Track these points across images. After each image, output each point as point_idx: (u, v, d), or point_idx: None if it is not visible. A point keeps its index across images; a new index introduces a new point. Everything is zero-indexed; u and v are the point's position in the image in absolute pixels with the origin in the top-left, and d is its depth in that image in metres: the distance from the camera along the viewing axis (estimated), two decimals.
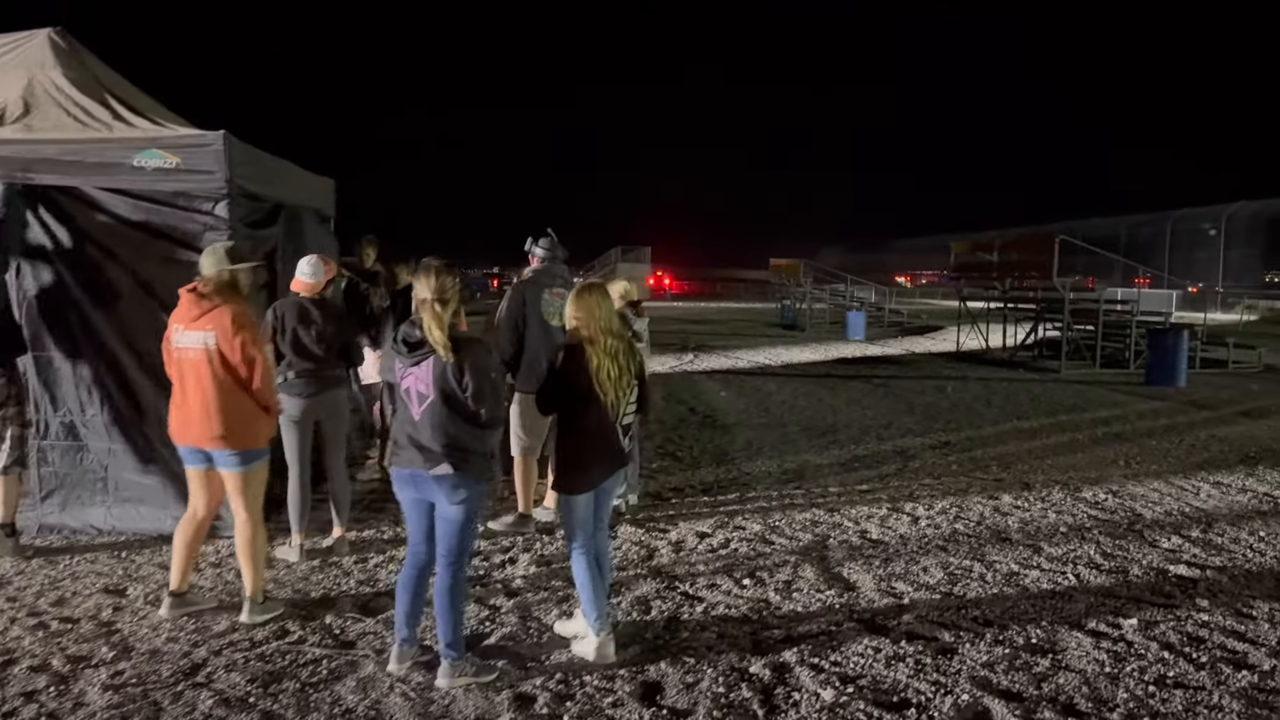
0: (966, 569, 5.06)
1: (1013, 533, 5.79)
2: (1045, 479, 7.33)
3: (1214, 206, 38.69)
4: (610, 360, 3.74)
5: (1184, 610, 4.45)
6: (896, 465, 7.86)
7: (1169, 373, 13.81)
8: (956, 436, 9.27)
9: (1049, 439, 9.22)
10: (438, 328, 3.39)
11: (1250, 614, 4.42)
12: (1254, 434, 9.69)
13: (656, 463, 7.82)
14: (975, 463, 7.98)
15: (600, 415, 3.74)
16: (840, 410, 11.03)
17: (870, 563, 5.15)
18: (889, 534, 5.73)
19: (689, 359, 17.34)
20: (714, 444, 8.74)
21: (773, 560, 5.17)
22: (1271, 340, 22.01)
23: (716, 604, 4.47)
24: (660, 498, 6.57)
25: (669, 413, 10.62)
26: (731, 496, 6.65)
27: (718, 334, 24.77)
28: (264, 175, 5.74)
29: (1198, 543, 5.62)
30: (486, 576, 4.83)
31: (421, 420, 3.46)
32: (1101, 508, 6.44)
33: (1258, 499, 6.78)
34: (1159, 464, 8.01)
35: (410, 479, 3.52)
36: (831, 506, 6.39)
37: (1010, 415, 10.78)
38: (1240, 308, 34.79)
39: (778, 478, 7.32)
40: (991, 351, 18.25)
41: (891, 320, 28.91)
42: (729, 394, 12.50)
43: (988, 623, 4.28)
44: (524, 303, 5.54)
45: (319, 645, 3.93)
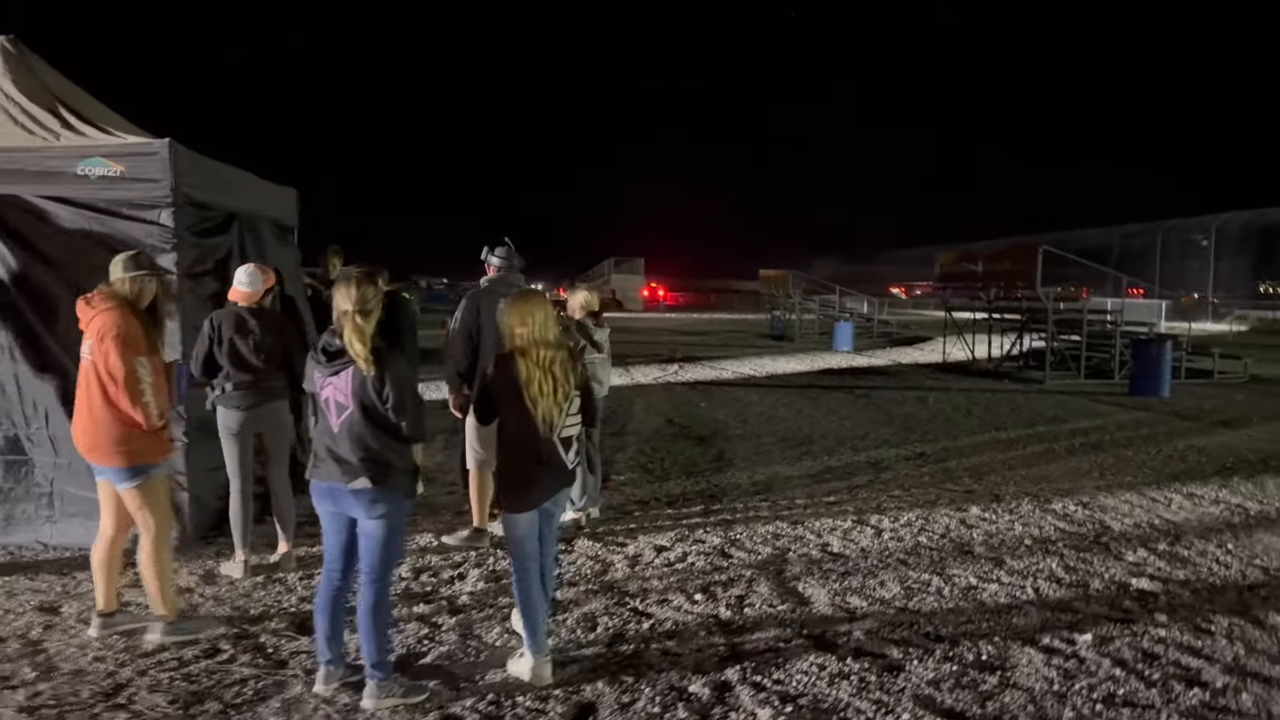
0: (924, 583, 4.96)
1: (976, 545, 5.69)
2: (1016, 490, 7.24)
3: (1204, 217, 38.79)
4: (542, 372, 3.62)
5: (1141, 625, 4.36)
6: (868, 477, 7.77)
7: (1153, 383, 13.75)
8: (932, 448, 9.19)
9: (1025, 450, 9.14)
10: (358, 339, 3.30)
11: (1209, 629, 4.32)
12: (1233, 445, 9.61)
13: (625, 474, 7.73)
14: (948, 474, 7.89)
15: (533, 428, 3.64)
16: (818, 421, 10.94)
17: (827, 577, 5.05)
18: (850, 547, 5.63)
19: (674, 370, 17.26)
20: (686, 456, 8.64)
21: (729, 574, 5.07)
22: (1260, 350, 21.99)
23: (665, 620, 4.37)
24: (624, 510, 6.48)
25: (644, 424, 10.53)
26: (696, 509, 6.55)
27: (706, 345, 24.70)
28: (214, 184, 5.66)
29: (1163, 556, 5.53)
30: (434, 593, 4.72)
31: (340, 432, 3.37)
32: (1070, 520, 6.35)
33: (1229, 510, 6.69)
34: (1133, 475, 7.93)
35: (328, 492, 3.43)
36: (796, 519, 6.30)
37: (989, 426, 10.70)
38: (1231, 318, 34.82)
39: (746, 489, 7.23)
40: (977, 362, 18.19)
41: (880, 331, 28.88)
42: (708, 405, 12.41)
43: (939, 638, 4.18)
44: (478, 313, 5.46)
45: (249, 665, 3.82)
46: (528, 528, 3.75)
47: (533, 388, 3.59)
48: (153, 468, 3.99)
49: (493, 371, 3.76)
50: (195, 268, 5.39)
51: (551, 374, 3.64)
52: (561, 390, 3.66)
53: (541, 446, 3.66)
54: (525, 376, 3.60)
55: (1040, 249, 14.77)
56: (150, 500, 3.98)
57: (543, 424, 3.62)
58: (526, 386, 3.59)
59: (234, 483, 4.94)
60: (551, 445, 3.68)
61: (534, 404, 3.59)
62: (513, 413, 3.66)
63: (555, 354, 3.67)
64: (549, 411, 3.63)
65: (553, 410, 3.64)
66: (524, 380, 3.60)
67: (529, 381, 3.59)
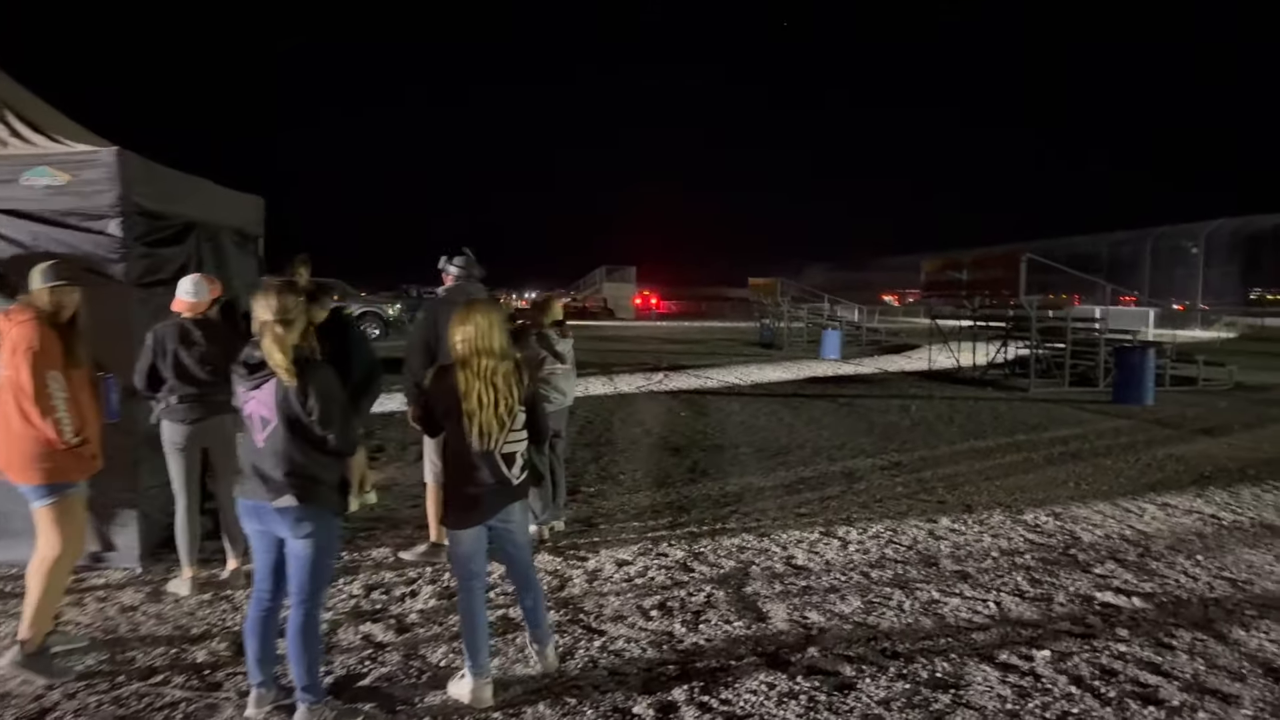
0: (886, 597, 4.88)
1: (943, 558, 5.61)
2: (989, 501, 7.16)
3: (1194, 224, 38.85)
4: (482, 383, 3.50)
5: (1102, 640, 4.27)
6: (841, 487, 7.68)
7: (1136, 391, 13.69)
8: (909, 457, 9.10)
9: (1002, 459, 9.06)
10: (279, 350, 3.21)
11: (1170, 644, 4.24)
12: (1212, 453, 9.55)
13: (595, 486, 7.63)
14: (922, 484, 7.81)
15: (468, 441, 3.54)
16: (798, 431, 10.86)
17: (788, 591, 4.96)
18: (815, 560, 5.54)
19: (658, 379, 17.17)
20: (660, 466, 8.55)
21: (688, 589, 4.98)
22: (1246, 358, 21.97)
23: (617, 638, 4.28)
24: (589, 523, 6.38)
25: (622, 434, 10.43)
26: (663, 522, 6.46)
27: (694, 353, 24.62)
28: (168, 193, 5.56)
29: (1131, 567, 5.45)
30: (383, 610, 4.62)
31: (264, 447, 3.27)
32: (1040, 531, 6.27)
33: (1202, 520, 6.62)
34: (1109, 484, 7.85)
35: (254, 511, 3.33)
36: (763, 531, 6.21)
37: (969, 435, 10.62)
38: (1220, 325, 34.85)
39: (716, 501, 7.14)
40: (962, 370, 18.13)
41: (869, 339, 28.83)
42: (689, 415, 12.32)
43: (895, 655, 4.09)
44: (436, 323, 5.36)
45: (183, 687, 3.72)
46: (470, 545, 3.65)
47: (471, 400, 3.49)
48: (70, 487, 3.87)
49: (431, 383, 3.66)
50: (147, 278, 5.29)
51: (493, 385, 3.52)
52: (504, 403, 3.54)
53: (481, 461, 3.56)
54: (464, 388, 3.50)
55: (1023, 257, 14.71)
56: (62, 520, 3.85)
57: (480, 438, 3.52)
58: (465, 398, 3.50)
59: (180, 498, 4.84)
60: (493, 460, 3.57)
61: (470, 416, 3.49)
62: (453, 425, 3.57)
63: (498, 365, 3.55)
64: (488, 424, 3.52)
65: (492, 423, 3.53)
66: (463, 392, 3.51)
67: (467, 393, 3.49)
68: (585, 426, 10.93)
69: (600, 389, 15.22)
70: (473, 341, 3.54)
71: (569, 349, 6.10)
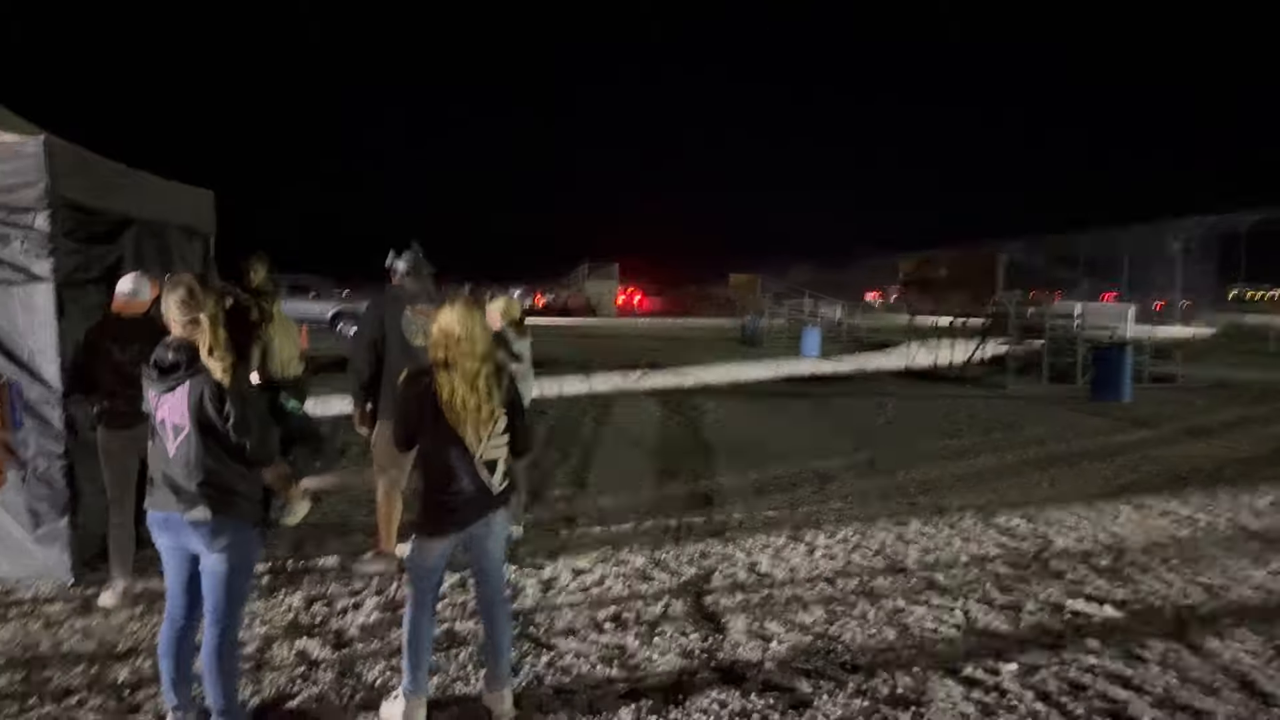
0: (850, 605, 4.70)
1: (910, 564, 5.43)
2: (961, 503, 7.00)
3: (1172, 221, 38.94)
4: (467, 387, 3.30)
5: (1071, 652, 4.11)
6: (812, 489, 7.51)
7: (1113, 389, 13.61)
8: (883, 458, 8.94)
9: (977, 459, 8.92)
10: (218, 347, 3.01)
11: (1142, 656, 4.08)
12: (1189, 452, 9.45)
13: (560, 489, 7.42)
14: (894, 486, 7.65)
15: (452, 449, 3.33)
16: (772, 430, 10.69)
17: (749, 600, 4.78)
18: (779, 566, 5.36)
19: (636, 377, 16.96)
20: (629, 468, 8.34)
21: (646, 598, 4.78)
22: (1226, 354, 22.03)
23: (566, 653, 4.07)
24: (549, 529, 6.16)
25: (593, 435, 10.22)
26: (626, 526, 6.26)
27: (675, 351, 24.41)
28: (103, 186, 5.31)
29: (1104, 573, 5.29)
30: (322, 624, 4.40)
31: (176, 455, 3.05)
32: (1012, 534, 6.11)
33: (1178, 522, 6.48)
34: (1084, 485, 7.71)
35: (165, 524, 3.10)
36: (730, 536, 6.02)
37: (944, 434, 10.48)
38: (1199, 321, 34.97)
39: (684, 504, 6.94)
40: (940, 368, 18.02)
41: (850, 336, 28.73)
42: (663, 414, 12.12)
43: (855, 669, 3.91)
44: (382, 321, 5.15)
45: (98, 709, 3.49)
46: (437, 558, 3.45)
47: (456, 406, 3.28)
48: None
49: (406, 389, 3.43)
50: (78, 275, 5.04)
51: (476, 390, 3.32)
52: (486, 408, 3.34)
53: (463, 469, 3.35)
54: (447, 394, 3.29)
55: (1000, 255, 14.59)
56: None
57: (466, 445, 3.32)
58: (449, 405, 3.29)
59: (114, 506, 4.60)
60: (474, 467, 3.35)
61: (456, 424, 3.29)
62: (431, 433, 3.35)
63: (480, 367, 3.35)
64: (472, 430, 3.32)
65: (476, 429, 3.32)
66: (445, 398, 3.30)
67: (451, 399, 3.28)
68: (556, 427, 10.71)
69: (576, 388, 14.99)
70: (457, 343, 3.32)
71: (527, 349, 5.89)
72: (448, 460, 3.35)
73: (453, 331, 3.34)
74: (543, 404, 12.85)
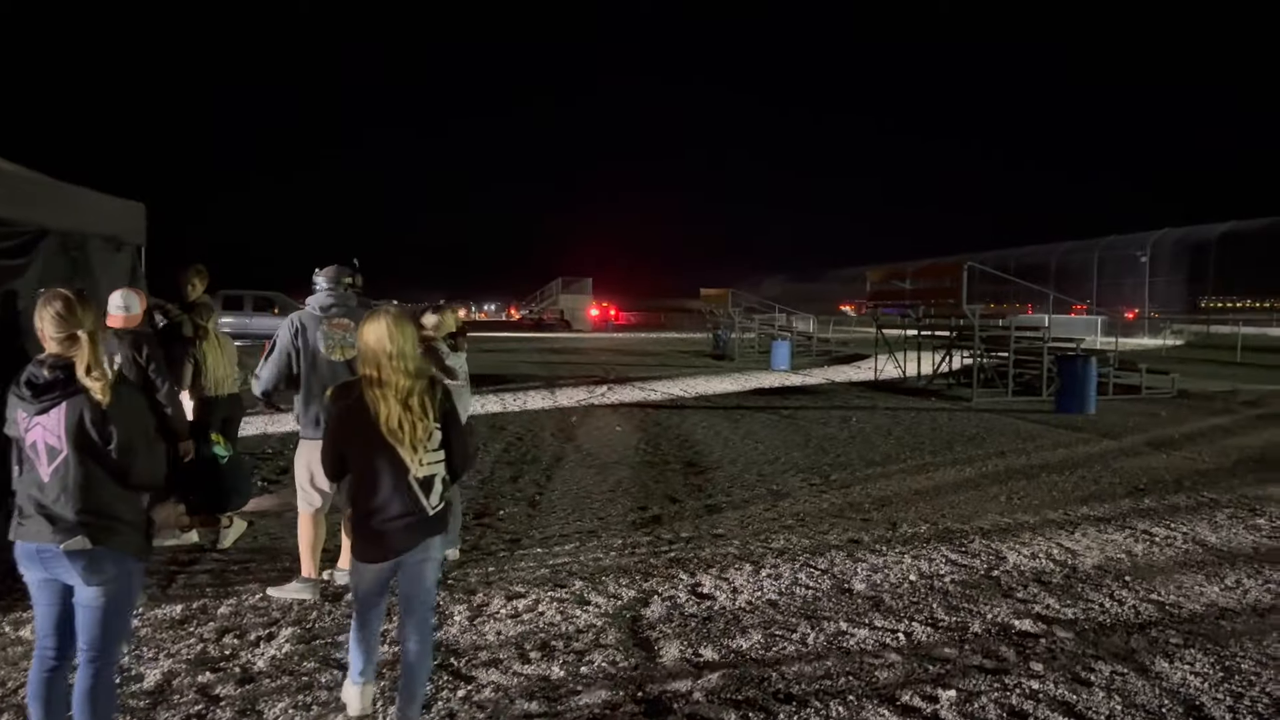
0: (789, 629, 4.51)
1: (857, 583, 5.26)
2: (916, 518, 6.84)
3: (1140, 234, 39.35)
4: (400, 404, 3.11)
5: (1015, 676, 3.93)
6: (764, 506, 7.33)
7: (1078, 400, 13.57)
8: (841, 472, 8.79)
9: (936, 474, 8.78)
10: (96, 364, 2.80)
11: (1088, 680, 3.91)
12: (1151, 465, 9.36)
13: (507, 508, 7.19)
14: (849, 501, 7.48)
15: (383, 469, 3.13)
16: (733, 444, 10.51)
17: (686, 624, 4.58)
18: (722, 588, 5.16)
19: (601, 392, 16.76)
20: (581, 486, 8.13)
21: (578, 625, 4.57)
22: (1191, 365, 22.13)
23: (485, 686, 3.85)
24: (488, 551, 5.94)
25: (549, 451, 10.00)
26: (568, 548, 6.04)
27: (644, 365, 24.25)
28: (14, 197, 5.07)
29: (1055, 591, 5.14)
30: (231, 657, 4.15)
31: (51, 481, 2.82)
32: (965, 551, 5.96)
33: (1134, 537, 6.35)
34: (1042, 499, 7.59)
35: (37, 556, 2.86)
36: (675, 555, 5.82)
37: (905, 448, 10.35)
38: (1167, 333, 35.26)
39: (630, 523, 6.74)
40: (908, 380, 17.95)
41: (820, 349, 28.68)
42: (625, 429, 11.92)
43: (788, 698, 3.72)
44: (297, 334, 4.92)
45: None
46: (373, 582, 3.27)
47: (390, 423, 3.09)
48: None
49: (333, 404, 3.23)
50: None
51: (409, 407, 3.13)
52: (421, 425, 3.15)
53: (395, 489, 3.14)
54: (378, 411, 3.10)
55: (964, 266, 14.56)
56: None
57: (398, 463, 3.12)
58: (381, 422, 3.10)
59: None
60: (408, 487, 3.15)
61: (393, 442, 3.10)
62: (361, 451, 3.15)
63: (414, 384, 3.16)
64: (407, 449, 3.12)
65: (409, 447, 3.13)
66: (375, 415, 3.10)
67: (382, 416, 3.10)
68: (512, 443, 10.49)
69: (539, 403, 14.78)
70: (387, 358, 3.14)
71: (462, 363, 5.68)
72: (378, 481, 3.16)
73: (383, 346, 3.16)
74: (503, 419, 12.64)
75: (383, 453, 3.13)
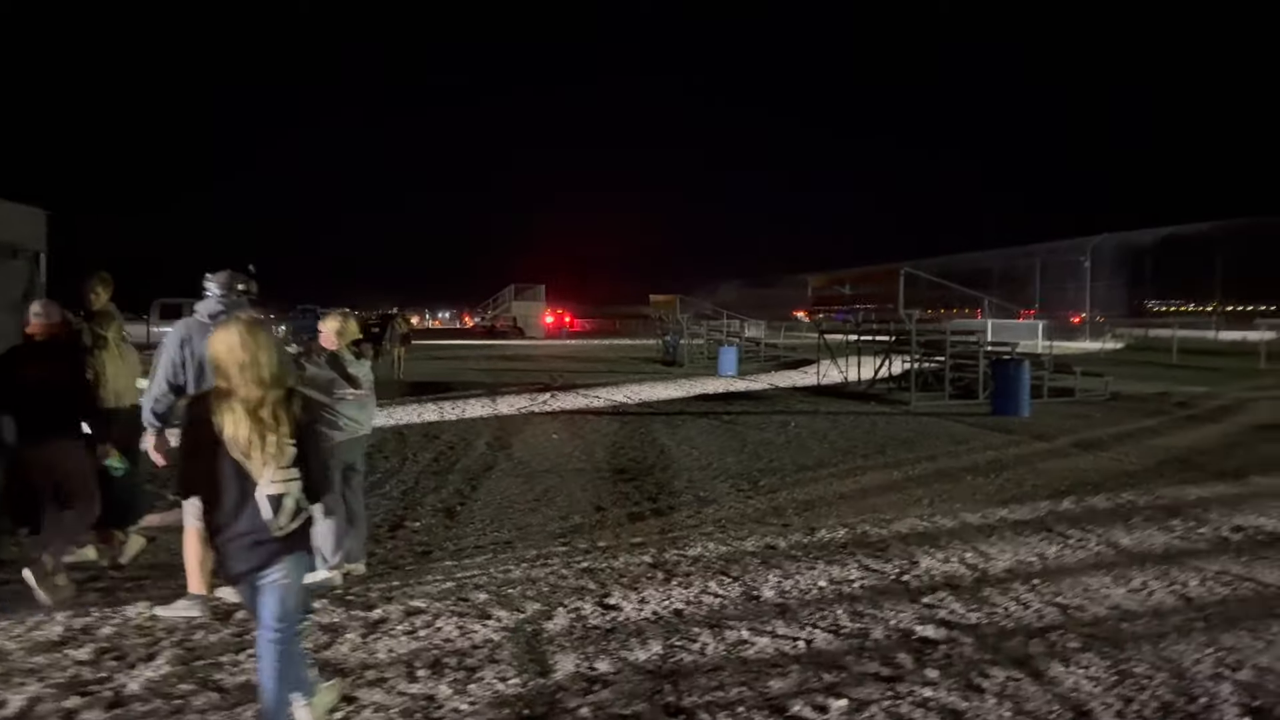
0: (692, 638, 4.43)
1: (767, 590, 5.20)
2: (836, 522, 6.82)
3: (1080, 239, 40.12)
4: (248, 416, 2.98)
5: (908, 684, 3.89)
6: (689, 513, 7.26)
7: (1012, 403, 13.73)
8: (771, 477, 8.76)
9: (864, 477, 8.79)
10: None
11: (981, 686, 3.88)
12: (1076, 465, 9.47)
13: (425, 519, 7.04)
14: (773, 507, 7.44)
15: (227, 484, 3.00)
16: (668, 450, 10.45)
17: (587, 637, 4.48)
18: (630, 598, 5.07)
19: (544, 399, 16.62)
20: (505, 494, 8.00)
21: (475, 640, 4.44)
22: (1129, 367, 22.59)
23: (366, 707, 3.71)
24: (395, 565, 5.78)
25: (479, 460, 9.85)
26: (479, 560, 5.91)
27: (592, 371, 24.14)
28: None
29: (963, 595, 5.13)
30: (106, 680, 3.96)
31: None
32: (880, 555, 5.93)
33: (1049, 539, 6.38)
34: (964, 502, 7.61)
35: None
36: (589, 565, 5.72)
37: (839, 452, 10.37)
38: (1107, 336, 35.99)
39: (550, 533, 6.63)
40: (850, 384, 18.06)
41: (768, 355, 28.80)
42: (561, 437, 11.81)
43: (677, 711, 3.64)
44: (184, 343, 4.75)
45: None
46: (246, 599, 3.16)
47: (237, 436, 2.97)
48: None
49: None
50: None
51: (259, 419, 2.99)
52: (272, 439, 3.01)
53: (242, 509, 3.01)
54: (224, 423, 2.97)
55: (901, 272, 14.69)
56: None
57: (245, 479, 3.00)
58: (228, 435, 2.97)
59: None
60: (255, 504, 3.01)
61: (239, 457, 2.97)
62: (207, 463, 3.02)
63: (265, 393, 3.03)
64: (255, 464, 2.99)
65: (256, 461, 2.99)
66: (223, 428, 2.97)
67: (228, 428, 2.97)
68: (444, 452, 10.32)
69: (478, 411, 14.60)
70: (239, 369, 3.01)
71: (366, 372, 5.54)
72: (224, 497, 3.02)
73: (234, 356, 3.02)
74: (439, 428, 12.45)
75: (230, 467, 3.00)
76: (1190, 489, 8.19)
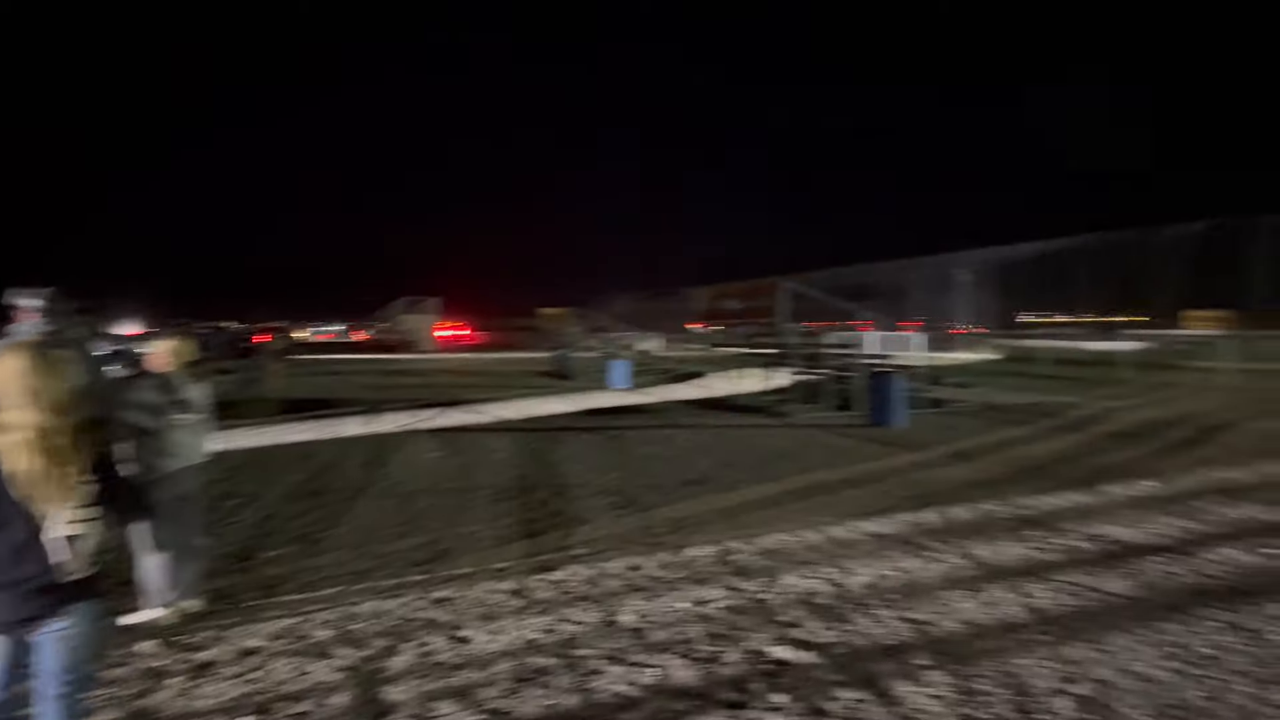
0: (542, 670, 4.28)
1: (626, 615, 5.09)
2: (705, 539, 6.78)
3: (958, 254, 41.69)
4: (36, 449, 2.69)
5: (754, 710, 3.84)
6: (560, 534, 7.11)
7: (889, 414, 14.06)
8: (650, 494, 8.68)
9: (739, 491, 8.80)
10: None
11: (825, 710, 3.86)
12: (947, 475, 9.71)
13: (280, 549, 6.68)
14: (646, 525, 7.36)
15: (9, 522, 2.69)
16: (551, 467, 10.27)
17: (432, 672, 4.28)
18: (482, 630, 4.88)
19: (427, 416, 16.20)
20: (372, 519, 7.68)
21: (307, 683, 4.19)
22: (1006, 378, 23.51)
23: None
24: (236, 600, 5.45)
25: (349, 482, 9.47)
26: (330, 592, 5.62)
27: (481, 386, 23.72)
28: None
29: (820, 612, 5.13)
30: None
31: None
32: (744, 573, 5.91)
33: (910, 551, 6.48)
34: (832, 515, 7.69)
35: None
36: (444, 596, 5.50)
37: (722, 465, 10.38)
38: (986, 347, 37.52)
39: (411, 560, 6.37)
40: (737, 397, 18.24)
41: (663, 368, 28.91)
42: (442, 455, 11.48)
43: None
44: None
45: None
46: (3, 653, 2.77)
47: (20, 470, 2.68)
48: None
49: None
50: None
51: (48, 452, 2.69)
52: (61, 475, 2.71)
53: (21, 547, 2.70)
54: (4, 456, 2.69)
55: (777, 285, 14.92)
56: None
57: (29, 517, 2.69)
58: (6, 470, 2.68)
59: None
60: (40, 545, 2.70)
61: (22, 493, 2.67)
62: None
63: (58, 425, 2.73)
64: (40, 501, 2.69)
65: (42, 499, 2.69)
66: (4, 463, 2.69)
67: (8, 463, 2.68)
68: (314, 474, 9.89)
69: (356, 429, 14.12)
70: (22, 396, 2.72)
71: (201, 396, 5.20)
72: (3, 536, 2.71)
73: (20, 383, 2.73)
74: (312, 448, 11.96)
75: (11, 505, 2.71)
76: (1044, 497, 8.48)
